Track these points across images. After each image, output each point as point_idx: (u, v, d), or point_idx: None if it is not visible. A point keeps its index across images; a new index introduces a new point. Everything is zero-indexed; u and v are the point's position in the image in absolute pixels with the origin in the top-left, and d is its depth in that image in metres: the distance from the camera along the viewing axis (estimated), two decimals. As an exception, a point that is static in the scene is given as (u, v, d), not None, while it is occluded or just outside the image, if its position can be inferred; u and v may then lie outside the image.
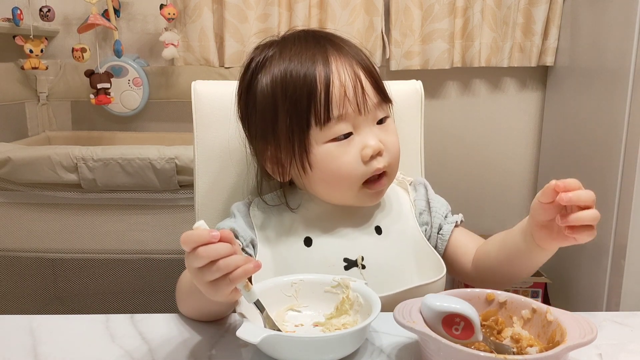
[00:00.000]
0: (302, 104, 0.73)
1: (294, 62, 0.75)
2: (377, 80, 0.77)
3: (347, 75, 0.74)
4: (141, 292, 1.67)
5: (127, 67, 1.89)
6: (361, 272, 0.75)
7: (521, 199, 2.23)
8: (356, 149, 0.74)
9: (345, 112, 0.73)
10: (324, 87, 0.73)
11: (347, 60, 0.75)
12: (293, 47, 0.76)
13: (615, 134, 1.57)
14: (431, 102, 2.12)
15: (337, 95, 0.73)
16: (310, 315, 0.66)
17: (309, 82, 0.73)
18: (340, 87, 0.73)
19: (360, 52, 0.79)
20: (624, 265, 1.54)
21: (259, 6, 1.92)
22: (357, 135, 0.75)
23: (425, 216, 0.84)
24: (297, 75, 0.74)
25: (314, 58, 0.74)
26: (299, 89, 0.73)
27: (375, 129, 0.76)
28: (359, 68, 0.76)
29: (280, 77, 0.75)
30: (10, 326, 0.66)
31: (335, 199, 0.79)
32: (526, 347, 0.57)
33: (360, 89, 0.74)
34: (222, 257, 0.54)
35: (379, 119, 0.77)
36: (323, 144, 0.74)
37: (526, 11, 1.99)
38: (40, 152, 1.43)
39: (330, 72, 0.73)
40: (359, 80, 0.74)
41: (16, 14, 1.70)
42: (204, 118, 0.92)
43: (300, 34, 0.80)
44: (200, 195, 0.93)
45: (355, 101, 0.74)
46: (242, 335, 0.54)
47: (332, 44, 0.77)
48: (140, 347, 0.61)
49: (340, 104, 0.73)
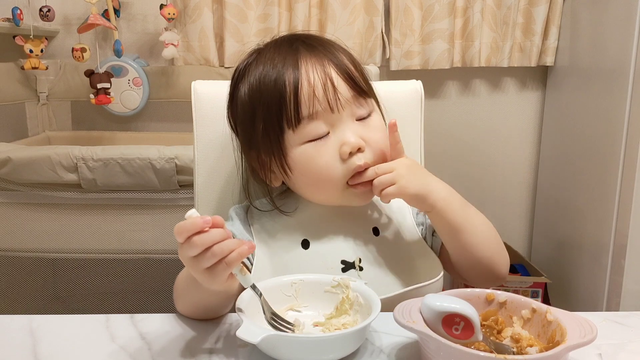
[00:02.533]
0: (273, 108, 0.73)
1: (266, 68, 0.75)
2: (352, 76, 0.76)
3: (316, 74, 0.73)
4: (141, 292, 1.67)
5: (127, 67, 1.89)
6: (359, 274, 0.75)
7: (521, 199, 2.23)
8: (334, 147, 0.74)
9: (315, 111, 0.73)
10: (292, 90, 0.72)
11: (317, 60, 0.75)
12: (267, 54, 0.77)
13: (615, 134, 1.57)
14: (431, 102, 2.12)
15: (306, 95, 0.72)
16: (310, 315, 0.66)
17: (279, 86, 0.73)
18: (309, 87, 0.73)
19: (335, 50, 0.78)
20: (624, 265, 1.54)
21: (259, 6, 1.92)
22: (333, 133, 0.74)
23: (421, 216, 0.84)
24: (268, 81, 0.74)
25: (284, 62, 0.74)
26: (270, 94, 0.74)
27: (354, 125, 0.75)
28: (331, 66, 0.75)
29: (255, 85, 0.76)
30: (10, 326, 0.66)
31: (322, 200, 0.78)
32: (526, 347, 0.57)
33: (330, 86, 0.73)
34: (216, 242, 0.55)
35: (359, 115, 0.76)
36: (299, 146, 0.74)
37: (526, 11, 1.99)
38: (40, 152, 1.43)
39: (299, 75, 0.73)
40: (329, 77, 0.73)
41: (16, 14, 1.70)
42: (204, 118, 0.92)
43: (278, 40, 0.80)
44: (200, 195, 0.93)
45: (325, 99, 0.73)
46: (242, 335, 0.54)
47: (306, 45, 0.77)
48: (140, 347, 0.61)
49: (310, 104, 0.72)
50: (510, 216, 2.24)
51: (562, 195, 1.95)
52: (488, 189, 2.21)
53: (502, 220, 2.23)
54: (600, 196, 1.66)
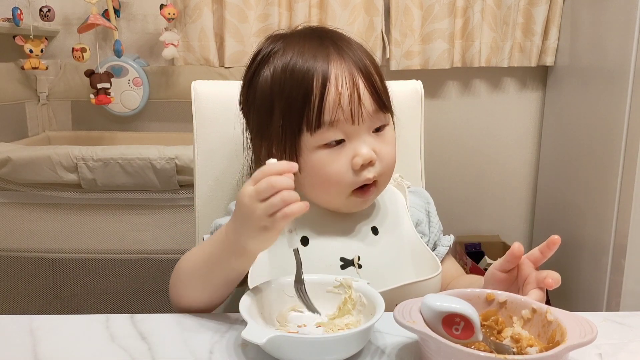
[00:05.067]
0: (296, 106, 0.72)
1: (294, 60, 0.73)
2: (377, 89, 0.75)
3: (344, 82, 0.72)
4: (141, 292, 1.67)
5: (127, 67, 1.89)
6: (357, 272, 0.75)
7: (521, 199, 2.23)
8: (347, 157, 0.73)
9: (337, 120, 0.72)
10: (319, 92, 0.72)
11: (347, 66, 0.73)
12: (296, 45, 0.75)
13: (615, 134, 1.57)
14: (431, 102, 2.11)
15: (331, 102, 0.71)
16: (313, 316, 0.66)
17: (305, 84, 0.72)
18: (336, 94, 0.72)
19: (364, 55, 0.77)
20: (624, 265, 1.54)
21: (259, 6, 1.92)
22: (349, 142, 0.74)
23: (424, 228, 0.85)
24: (295, 75, 0.73)
25: (315, 59, 0.73)
26: (295, 90, 0.73)
27: (370, 138, 0.75)
28: (359, 75, 0.74)
29: (279, 75, 0.74)
30: (10, 326, 0.66)
31: (323, 203, 0.78)
32: (526, 347, 0.57)
33: (356, 98, 0.72)
34: (286, 189, 0.58)
35: (376, 127, 0.75)
36: (314, 149, 0.74)
37: (526, 11, 1.99)
38: (40, 152, 1.43)
39: (327, 78, 0.72)
40: (357, 88, 0.73)
41: (16, 14, 1.70)
42: (204, 118, 0.92)
43: (307, 31, 0.79)
44: (200, 195, 0.93)
45: (349, 110, 0.72)
46: (247, 336, 0.54)
47: (336, 46, 0.75)
48: (140, 347, 0.61)
49: (333, 112, 0.72)
50: (511, 216, 2.24)
51: (562, 195, 1.95)
52: (488, 189, 2.21)
53: (502, 220, 2.23)
54: (600, 196, 1.66)
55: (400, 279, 0.73)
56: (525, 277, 0.65)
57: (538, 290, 0.63)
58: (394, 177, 0.88)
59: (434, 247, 0.85)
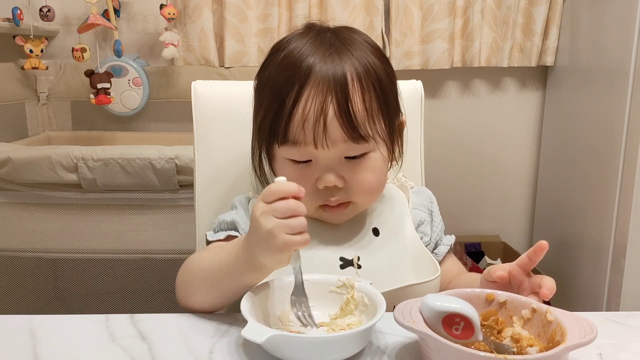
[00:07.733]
0: (272, 111, 0.72)
1: (288, 61, 0.72)
2: (353, 120, 0.69)
3: (313, 105, 0.68)
4: (141, 292, 1.67)
5: (127, 67, 1.89)
6: (357, 272, 0.76)
7: (521, 199, 2.23)
8: (312, 176, 0.72)
9: (300, 141, 0.70)
10: (289, 109, 0.70)
11: (326, 86, 0.69)
12: (296, 46, 0.73)
13: (615, 134, 1.57)
14: (431, 102, 2.12)
15: (296, 123, 0.69)
16: (315, 316, 0.66)
17: (282, 95, 0.70)
18: (302, 115, 0.69)
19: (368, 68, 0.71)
20: (624, 265, 1.54)
21: (259, 6, 1.92)
22: (316, 163, 0.72)
23: (426, 227, 0.84)
24: (276, 83, 0.72)
25: (299, 69, 0.70)
26: (273, 99, 0.72)
27: (338, 164, 0.72)
28: (333, 101, 0.68)
29: (267, 77, 0.74)
30: (10, 326, 0.66)
31: None
32: (526, 347, 0.57)
33: (322, 124, 0.68)
34: (299, 215, 0.58)
35: (350, 155, 0.72)
36: (283, 159, 0.74)
37: (526, 11, 1.99)
38: (40, 152, 1.43)
39: (300, 96, 0.69)
40: (324, 115, 0.68)
41: (16, 14, 1.70)
42: (204, 118, 0.92)
43: (312, 34, 0.75)
44: (200, 195, 0.92)
45: (311, 136, 0.69)
46: (247, 334, 0.54)
47: (330, 58, 0.70)
48: (140, 347, 0.61)
49: (298, 132, 0.69)
50: (511, 216, 2.24)
51: (562, 195, 1.95)
52: (488, 189, 2.21)
53: (502, 220, 2.23)
54: (600, 196, 1.66)
55: (399, 281, 0.73)
56: (519, 283, 0.66)
57: (534, 296, 0.63)
58: (398, 177, 0.88)
59: (436, 245, 0.85)
